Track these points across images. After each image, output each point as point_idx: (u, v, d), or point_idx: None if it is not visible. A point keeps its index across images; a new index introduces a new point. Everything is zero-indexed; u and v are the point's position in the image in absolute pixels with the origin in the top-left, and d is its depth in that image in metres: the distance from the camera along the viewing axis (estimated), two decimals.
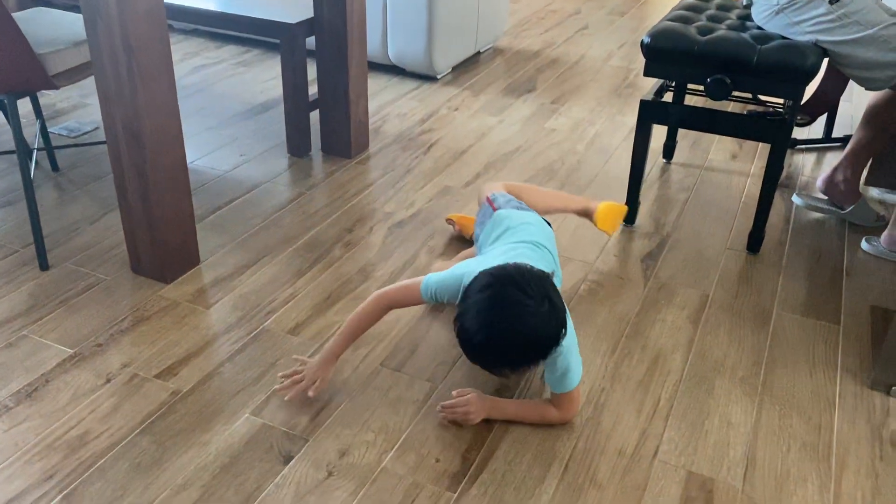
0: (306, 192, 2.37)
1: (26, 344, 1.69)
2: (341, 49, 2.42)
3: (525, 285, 1.31)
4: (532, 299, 1.30)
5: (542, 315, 1.31)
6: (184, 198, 1.89)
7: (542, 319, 1.31)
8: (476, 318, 1.32)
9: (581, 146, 2.73)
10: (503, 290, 1.31)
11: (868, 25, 1.90)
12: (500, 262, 1.42)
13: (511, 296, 1.31)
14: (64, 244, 2.05)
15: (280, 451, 1.44)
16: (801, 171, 2.60)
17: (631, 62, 3.60)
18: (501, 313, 1.30)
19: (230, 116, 2.88)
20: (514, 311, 1.30)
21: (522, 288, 1.31)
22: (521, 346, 1.32)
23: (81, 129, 2.71)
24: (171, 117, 1.79)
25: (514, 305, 1.30)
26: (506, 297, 1.31)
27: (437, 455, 1.45)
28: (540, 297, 1.31)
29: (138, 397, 1.56)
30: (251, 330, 1.76)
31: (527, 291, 1.31)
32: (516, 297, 1.30)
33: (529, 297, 1.30)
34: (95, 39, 1.66)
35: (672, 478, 1.42)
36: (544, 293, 1.32)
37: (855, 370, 1.70)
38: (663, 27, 2.03)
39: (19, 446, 1.44)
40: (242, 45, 3.62)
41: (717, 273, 2.03)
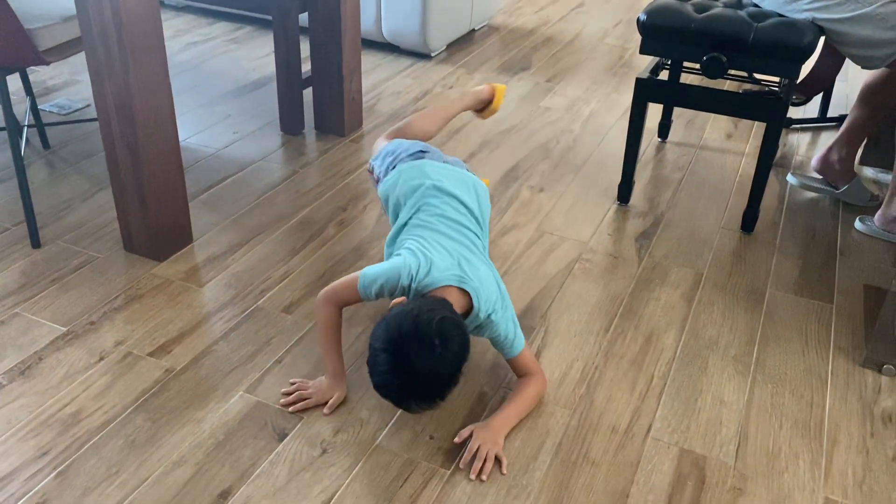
0: (300, 171, 2.36)
1: (19, 322, 1.69)
2: (335, 26, 2.39)
3: (419, 338, 1.29)
4: (428, 350, 1.28)
5: (439, 359, 1.29)
6: (176, 176, 1.88)
7: (439, 363, 1.30)
8: (381, 376, 1.32)
9: (576, 125, 2.72)
10: (400, 349, 1.29)
11: (865, 3, 1.89)
12: (420, 258, 1.43)
13: (408, 353, 1.29)
14: (56, 222, 2.04)
15: (274, 428, 1.45)
16: (796, 151, 2.59)
17: (626, 41, 3.58)
18: (402, 371, 1.30)
19: (222, 94, 2.86)
20: (412, 366, 1.29)
21: (418, 340, 1.28)
22: (425, 393, 1.33)
23: (72, 107, 2.68)
24: (163, 94, 1.77)
25: (413, 361, 1.29)
26: (403, 355, 1.29)
27: (431, 432, 1.45)
28: (433, 342, 1.28)
29: (132, 375, 1.55)
30: (245, 308, 1.76)
31: (421, 343, 1.28)
32: (413, 353, 1.28)
33: (425, 348, 1.28)
34: (85, 14, 1.64)
35: (665, 455, 1.43)
36: (439, 334, 1.29)
37: (847, 348, 1.71)
38: (660, 4, 2.01)
39: (12, 424, 1.43)
40: (234, 22, 3.58)
41: (711, 252, 2.03)
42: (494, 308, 1.44)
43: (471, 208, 1.58)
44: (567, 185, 2.33)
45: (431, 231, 1.51)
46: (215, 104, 2.77)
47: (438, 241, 1.48)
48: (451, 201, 1.56)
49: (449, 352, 1.29)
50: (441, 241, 1.48)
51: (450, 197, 1.56)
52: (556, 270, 1.94)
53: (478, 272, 1.45)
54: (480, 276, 1.44)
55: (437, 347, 1.28)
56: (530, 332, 1.72)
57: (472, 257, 1.48)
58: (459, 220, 1.54)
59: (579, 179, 2.36)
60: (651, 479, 1.38)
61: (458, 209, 1.56)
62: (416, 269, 1.41)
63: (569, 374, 1.61)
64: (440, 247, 1.47)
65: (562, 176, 2.38)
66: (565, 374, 1.61)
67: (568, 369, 1.62)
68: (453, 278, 1.41)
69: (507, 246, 2.02)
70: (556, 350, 1.67)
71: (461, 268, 1.43)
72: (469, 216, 1.57)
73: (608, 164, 2.45)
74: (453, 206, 1.56)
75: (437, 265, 1.42)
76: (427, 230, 1.51)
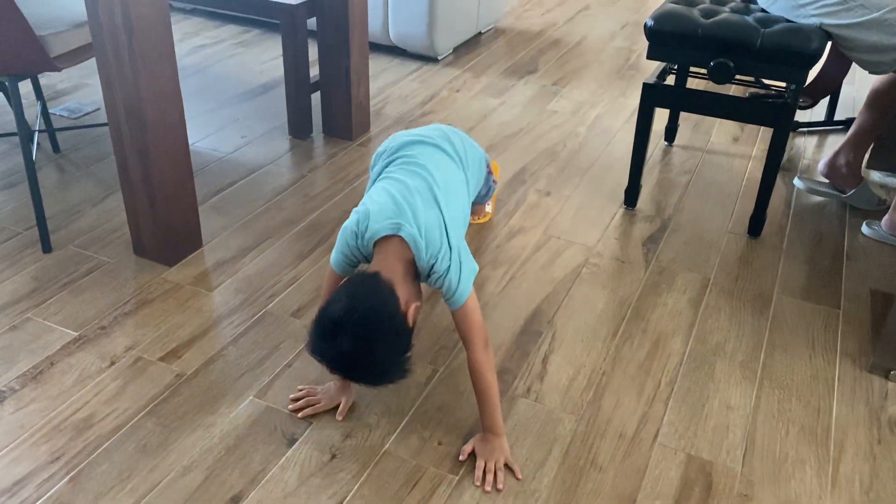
0: (308, 175, 2.37)
1: (31, 326, 1.70)
2: (342, 30, 2.41)
3: (344, 333, 1.24)
4: (353, 348, 1.24)
5: (365, 358, 1.26)
6: (186, 180, 1.89)
7: (368, 361, 1.27)
8: (318, 348, 1.29)
9: (583, 128, 2.73)
10: (331, 337, 1.26)
11: (873, 8, 1.89)
12: (358, 213, 1.40)
13: (338, 345, 1.25)
14: (66, 226, 2.06)
15: (284, 433, 1.46)
16: (803, 155, 2.59)
17: (633, 43, 3.58)
18: (333, 356, 1.27)
19: (230, 97, 2.87)
20: (343, 355, 1.26)
21: (344, 335, 1.24)
22: (358, 377, 1.32)
23: (82, 110, 2.70)
24: (173, 99, 1.78)
25: (343, 352, 1.25)
26: (334, 344, 1.25)
27: (439, 438, 1.46)
28: (357, 344, 1.24)
29: (143, 380, 1.57)
30: (254, 313, 1.77)
31: (346, 340, 1.24)
32: (342, 345, 1.24)
33: (350, 345, 1.24)
34: (96, 21, 1.65)
35: (672, 461, 1.44)
36: (358, 337, 1.24)
37: (854, 354, 1.72)
38: (667, 10, 2.01)
39: (25, 428, 1.45)
40: (242, 25, 3.60)
41: (718, 257, 2.04)
42: (437, 255, 1.35)
43: (436, 143, 1.53)
44: (574, 189, 2.33)
45: (382, 180, 1.47)
46: (223, 108, 2.78)
47: (385, 189, 1.42)
48: (411, 147, 1.52)
49: (372, 353, 1.25)
50: (388, 187, 1.42)
51: (410, 144, 1.53)
52: (563, 275, 1.94)
53: (421, 217, 1.36)
54: (423, 221, 1.36)
55: (360, 349, 1.23)
56: (537, 337, 1.73)
57: (419, 199, 1.39)
58: (418, 160, 1.48)
59: (586, 183, 2.37)
60: (658, 484, 1.39)
61: (421, 151, 1.51)
62: (354, 224, 1.39)
63: (576, 380, 1.62)
64: (385, 193, 1.41)
65: (568, 179, 2.39)
66: (573, 379, 1.62)
67: (575, 374, 1.63)
68: (389, 227, 1.35)
69: (514, 250, 2.03)
70: (563, 355, 1.68)
71: (402, 213, 1.36)
72: (434, 151, 1.51)
73: (615, 168, 2.45)
74: (414, 150, 1.51)
75: (373, 215, 1.37)
76: (378, 182, 1.48)
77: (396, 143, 1.57)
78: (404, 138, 1.58)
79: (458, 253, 1.38)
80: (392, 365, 1.29)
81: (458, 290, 1.37)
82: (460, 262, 1.38)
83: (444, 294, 1.39)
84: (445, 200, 1.43)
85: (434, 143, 1.56)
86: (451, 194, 1.46)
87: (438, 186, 1.44)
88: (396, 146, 1.56)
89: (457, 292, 1.37)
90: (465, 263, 1.39)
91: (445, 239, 1.37)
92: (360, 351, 1.25)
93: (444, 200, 1.42)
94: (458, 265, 1.37)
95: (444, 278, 1.36)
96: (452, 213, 1.43)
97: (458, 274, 1.37)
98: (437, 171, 1.48)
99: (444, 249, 1.36)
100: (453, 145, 1.60)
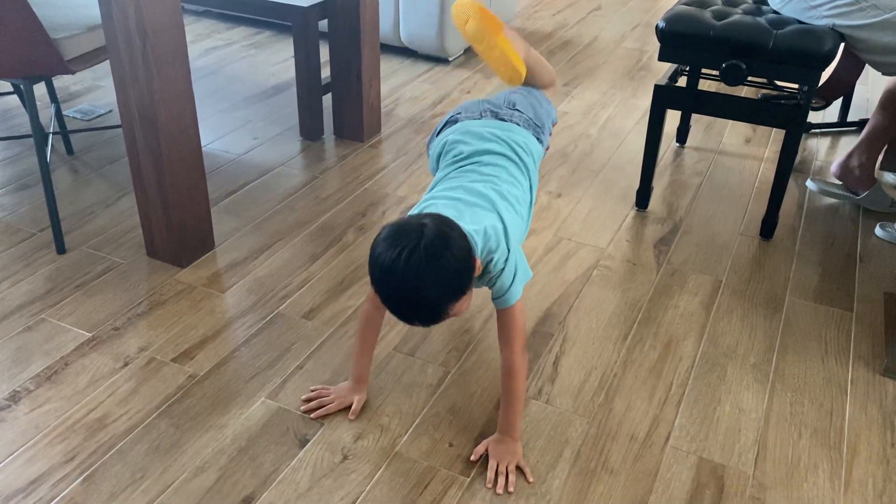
0: (319, 176, 2.38)
1: (45, 327, 1.72)
2: (354, 32, 2.41)
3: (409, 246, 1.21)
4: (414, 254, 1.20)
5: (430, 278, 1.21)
6: (199, 182, 1.91)
7: (430, 281, 1.21)
8: (380, 286, 1.25)
9: (594, 130, 2.72)
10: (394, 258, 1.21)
11: (886, 9, 1.88)
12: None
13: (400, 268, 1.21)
14: (80, 228, 2.07)
15: (296, 434, 1.46)
16: (816, 156, 2.58)
17: (644, 44, 3.58)
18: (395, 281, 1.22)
19: (242, 99, 2.88)
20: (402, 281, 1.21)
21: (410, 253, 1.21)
22: (414, 307, 1.25)
23: (95, 112, 2.72)
24: (187, 102, 1.80)
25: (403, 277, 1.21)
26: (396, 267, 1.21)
27: (450, 439, 1.47)
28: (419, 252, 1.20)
29: (156, 381, 1.58)
30: (266, 314, 1.78)
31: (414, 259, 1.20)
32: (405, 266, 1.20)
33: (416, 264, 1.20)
34: (110, 24, 1.67)
35: (683, 464, 1.43)
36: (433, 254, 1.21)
37: (867, 357, 1.71)
38: (678, 11, 2.01)
39: (40, 428, 1.46)
40: (254, 27, 3.61)
41: (730, 259, 2.03)
42: (493, 253, 1.34)
43: (505, 153, 1.51)
44: (585, 191, 2.33)
45: (447, 182, 1.47)
46: (235, 109, 2.80)
47: (448, 194, 1.42)
48: (482, 156, 1.50)
49: (437, 271, 1.20)
50: (452, 193, 1.42)
51: (482, 153, 1.50)
52: (574, 277, 1.94)
53: (482, 219, 1.36)
54: (483, 223, 1.35)
55: (427, 261, 1.19)
56: (548, 339, 1.73)
57: (481, 203, 1.39)
58: (484, 171, 1.47)
59: (597, 185, 2.37)
60: (670, 487, 1.39)
61: (490, 160, 1.49)
62: None
63: (587, 382, 1.62)
64: (448, 199, 1.40)
65: (580, 181, 2.38)
66: (584, 381, 1.62)
67: (587, 377, 1.63)
68: None
69: (525, 252, 2.03)
70: (574, 357, 1.68)
71: (462, 216, 1.35)
72: (502, 160, 1.50)
73: (626, 169, 2.45)
74: (484, 159, 1.50)
75: None
76: (443, 184, 1.47)
77: (469, 149, 1.52)
78: (477, 145, 1.52)
79: (515, 257, 1.39)
80: (445, 293, 1.24)
81: (510, 291, 1.38)
82: (516, 265, 1.39)
83: (495, 293, 1.39)
84: (507, 209, 1.42)
85: (503, 154, 1.53)
86: (513, 204, 1.45)
87: (503, 197, 1.44)
88: (470, 152, 1.52)
89: (507, 293, 1.38)
90: (521, 267, 1.40)
91: (504, 241, 1.37)
92: (427, 262, 1.20)
93: (504, 209, 1.42)
94: (513, 267, 1.38)
95: (497, 278, 1.37)
96: (512, 219, 1.42)
97: (511, 276, 1.37)
98: (503, 182, 1.47)
99: (501, 249, 1.36)
100: (520, 148, 1.55)
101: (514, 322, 1.40)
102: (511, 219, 1.41)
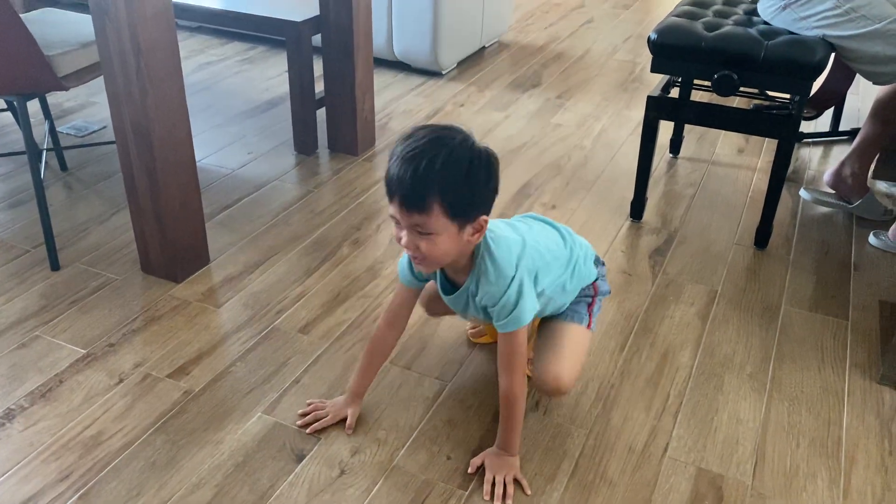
0: (314, 190, 2.38)
1: (39, 344, 1.71)
2: (347, 46, 2.42)
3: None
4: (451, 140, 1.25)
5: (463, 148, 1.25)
6: (193, 198, 1.90)
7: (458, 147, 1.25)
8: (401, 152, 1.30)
9: (587, 141, 2.73)
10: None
11: (876, 20, 1.90)
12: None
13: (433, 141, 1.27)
14: (74, 244, 2.07)
15: (293, 449, 1.46)
16: (809, 165, 2.59)
17: (636, 56, 3.60)
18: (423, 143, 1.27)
19: (236, 114, 2.89)
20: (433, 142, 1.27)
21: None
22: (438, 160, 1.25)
23: (89, 128, 2.72)
24: (180, 118, 1.80)
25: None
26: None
27: (448, 453, 1.46)
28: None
29: (151, 397, 1.57)
30: (261, 329, 1.77)
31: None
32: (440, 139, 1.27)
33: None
34: (104, 41, 1.67)
35: (682, 474, 1.43)
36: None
37: (864, 365, 1.71)
38: (670, 23, 2.02)
39: (34, 446, 1.45)
40: (248, 42, 3.63)
41: (725, 268, 2.03)
42: (505, 261, 1.33)
43: (550, 223, 1.55)
44: (579, 202, 2.34)
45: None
46: (229, 124, 2.80)
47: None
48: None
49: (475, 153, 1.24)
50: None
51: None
52: None
53: (513, 232, 1.39)
54: (500, 231, 1.38)
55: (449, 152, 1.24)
56: None
57: (522, 228, 1.43)
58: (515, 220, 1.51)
59: (592, 196, 2.37)
60: (668, 498, 1.38)
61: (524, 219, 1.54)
62: None
63: (585, 394, 1.61)
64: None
65: (574, 193, 2.39)
66: (581, 393, 1.61)
67: (584, 388, 1.63)
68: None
69: None
70: None
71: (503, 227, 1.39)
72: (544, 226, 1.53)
73: (620, 181, 2.45)
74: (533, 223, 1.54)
75: None
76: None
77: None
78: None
79: (522, 280, 1.34)
80: (449, 173, 1.24)
81: (513, 314, 1.34)
82: (522, 288, 1.34)
83: (497, 315, 1.35)
84: (534, 243, 1.40)
85: (538, 218, 1.55)
86: (541, 252, 1.42)
87: (534, 240, 1.42)
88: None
89: (510, 316, 1.34)
90: (529, 298, 1.35)
91: (514, 257, 1.34)
92: (450, 146, 1.24)
93: (531, 241, 1.40)
94: (517, 288, 1.33)
95: (497, 296, 1.33)
96: (535, 252, 1.39)
97: (515, 297, 1.33)
98: (532, 230, 1.47)
99: (507, 258, 1.33)
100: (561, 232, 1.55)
101: (515, 349, 1.36)
102: (534, 251, 1.38)
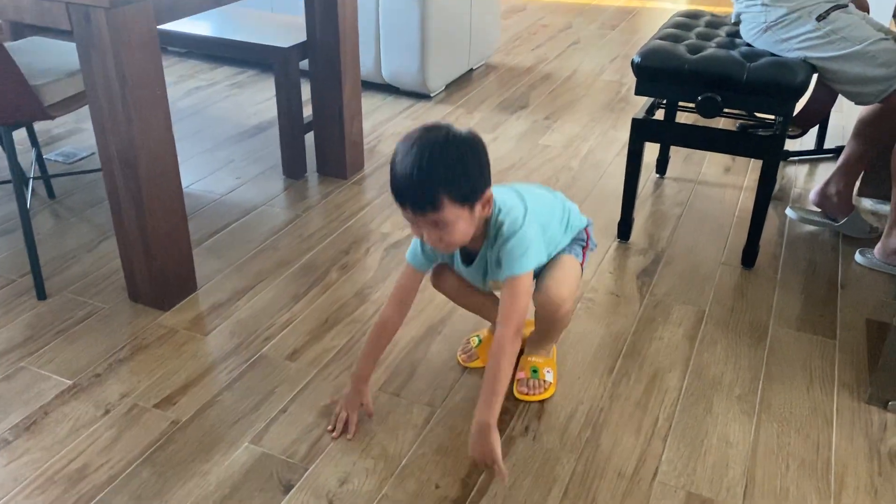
0: (302, 215, 2.38)
1: (24, 375, 1.69)
2: (335, 71, 2.43)
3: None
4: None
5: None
6: (180, 225, 1.90)
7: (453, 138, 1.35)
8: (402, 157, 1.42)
9: (575, 162, 2.75)
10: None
11: (855, 41, 1.92)
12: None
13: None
14: (61, 272, 2.06)
15: (280, 479, 1.44)
16: (794, 184, 2.61)
17: (623, 76, 3.62)
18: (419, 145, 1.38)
19: (225, 139, 2.89)
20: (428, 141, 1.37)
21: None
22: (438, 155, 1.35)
23: (77, 155, 2.72)
24: (167, 147, 1.80)
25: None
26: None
27: (436, 481, 1.45)
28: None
29: (138, 428, 1.56)
30: (249, 357, 1.76)
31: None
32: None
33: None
34: (89, 71, 1.67)
35: (672, 499, 1.42)
36: None
37: (852, 385, 1.71)
38: (653, 46, 2.04)
39: (19, 481, 1.43)
40: (237, 67, 3.64)
41: (713, 289, 2.04)
42: (509, 213, 1.43)
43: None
44: None
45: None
46: (218, 149, 2.80)
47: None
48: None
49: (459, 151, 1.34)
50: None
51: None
52: None
53: (512, 194, 1.48)
54: (509, 192, 1.47)
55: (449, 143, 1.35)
56: None
57: (519, 188, 1.52)
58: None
59: None
60: None
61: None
62: None
63: (574, 417, 1.61)
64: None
65: None
66: (570, 416, 1.61)
67: (573, 412, 1.62)
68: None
69: None
70: (560, 392, 1.67)
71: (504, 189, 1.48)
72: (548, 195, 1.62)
73: (608, 201, 2.46)
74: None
75: None
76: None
77: None
78: None
79: (529, 235, 1.42)
80: (450, 165, 1.33)
81: (519, 261, 1.41)
82: (529, 242, 1.42)
83: (504, 261, 1.41)
84: (534, 205, 1.49)
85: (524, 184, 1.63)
86: (538, 200, 1.53)
87: (532, 199, 1.51)
88: None
89: (516, 262, 1.40)
90: (535, 249, 1.44)
91: (521, 217, 1.43)
92: (446, 138, 1.34)
93: (531, 202, 1.49)
94: (526, 241, 1.42)
95: (507, 242, 1.41)
96: (536, 209, 1.48)
97: (522, 248, 1.41)
98: (527, 189, 1.56)
99: (514, 218, 1.42)
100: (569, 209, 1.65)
101: (516, 297, 1.41)
102: (535, 209, 1.47)
